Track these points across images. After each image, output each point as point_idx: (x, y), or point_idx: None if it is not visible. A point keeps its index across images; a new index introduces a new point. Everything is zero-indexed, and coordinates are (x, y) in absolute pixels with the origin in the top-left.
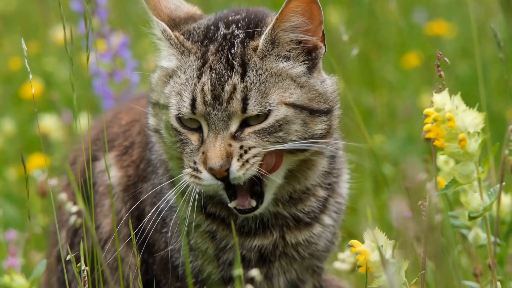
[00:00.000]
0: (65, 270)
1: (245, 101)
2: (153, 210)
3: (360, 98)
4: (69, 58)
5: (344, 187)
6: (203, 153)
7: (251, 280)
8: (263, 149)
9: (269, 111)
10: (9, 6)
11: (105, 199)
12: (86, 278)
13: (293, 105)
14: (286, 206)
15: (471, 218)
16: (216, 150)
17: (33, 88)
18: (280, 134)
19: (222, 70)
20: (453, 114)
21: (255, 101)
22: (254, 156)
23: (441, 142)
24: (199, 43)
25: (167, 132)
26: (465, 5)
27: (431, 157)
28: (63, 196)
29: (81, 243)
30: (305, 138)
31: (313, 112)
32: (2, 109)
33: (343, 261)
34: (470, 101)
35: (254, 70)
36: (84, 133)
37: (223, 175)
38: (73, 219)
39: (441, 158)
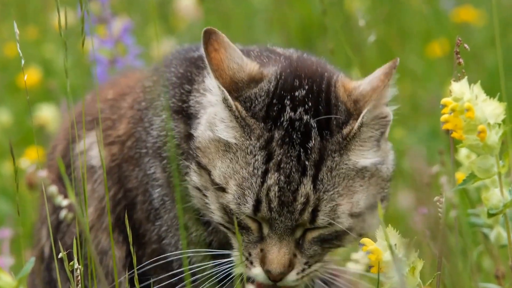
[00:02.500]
0: (57, 267)
1: (315, 212)
2: (146, 199)
3: None
4: (63, 42)
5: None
6: (261, 250)
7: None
8: (323, 263)
9: (335, 221)
10: None
11: (87, 184)
12: (79, 277)
13: (359, 214)
14: None
15: (490, 215)
16: (279, 257)
17: (26, 75)
18: (338, 242)
19: (292, 172)
20: (472, 104)
21: (324, 214)
22: (315, 270)
23: (460, 134)
24: (262, 123)
25: (220, 212)
26: None
27: (447, 149)
28: (53, 188)
29: (74, 240)
30: (360, 235)
31: (374, 206)
32: None
33: (356, 262)
34: (498, 92)
35: (329, 171)
36: (64, 118)
37: (276, 279)
38: (63, 213)
39: (462, 152)
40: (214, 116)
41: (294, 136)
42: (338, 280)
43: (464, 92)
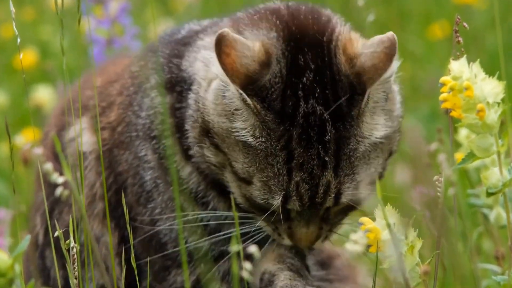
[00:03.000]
0: (53, 251)
1: (337, 195)
2: (137, 182)
3: None
4: (60, 20)
5: None
6: (289, 227)
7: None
8: (343, 223)
9: (356, 196)
10: None
11: (77, 171)
12: (75, 256)
13: (379, 176)
14: None
15: (489, 194)
16: (307, 236)
17: (22, 54)
18: (359, 206)
19: (314, 170)
20: (471, 82)
21: (347, 194)
22: (335, 232)
23: (458, 113)
24: (280, 121)
25: (243, 199)
26: None
27: (447, 129)
28: (49, 166)
29: (70, 218)
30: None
31: (387, 159)
32: None
33: (355, 242)
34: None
35: (348, 159)
36: (55, 105)
37: (304, 249)
38: (59, 190)
39: (462, 133)
40: (228, 103)
41: (311, 134)
42: (336, 262)
43: (463, 71)
